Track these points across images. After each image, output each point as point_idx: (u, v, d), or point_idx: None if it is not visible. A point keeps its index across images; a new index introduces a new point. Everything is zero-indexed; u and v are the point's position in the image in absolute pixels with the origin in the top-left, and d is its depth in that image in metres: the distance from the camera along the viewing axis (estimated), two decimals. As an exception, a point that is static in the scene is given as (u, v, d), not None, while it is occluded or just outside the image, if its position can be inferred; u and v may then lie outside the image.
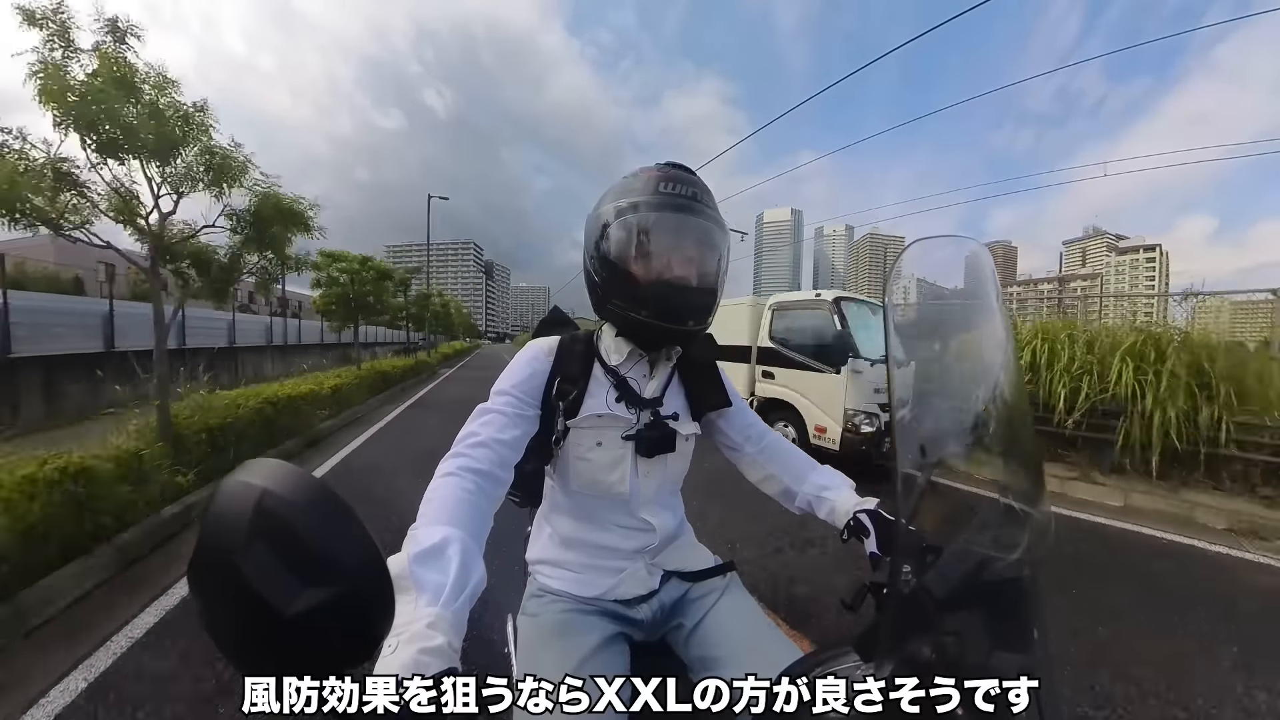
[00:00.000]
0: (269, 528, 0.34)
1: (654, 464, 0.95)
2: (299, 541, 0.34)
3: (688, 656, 0.93)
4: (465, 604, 0.56)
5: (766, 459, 1.06)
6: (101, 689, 1.83)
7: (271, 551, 0.33)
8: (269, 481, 0.35)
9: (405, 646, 0.47)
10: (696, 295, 0.88)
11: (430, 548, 0.59)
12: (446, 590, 0.55)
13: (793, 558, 3.05)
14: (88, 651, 2.01)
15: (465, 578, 0.58)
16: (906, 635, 0.56)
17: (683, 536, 1.07)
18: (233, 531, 0.33)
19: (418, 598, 0.53)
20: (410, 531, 0.63)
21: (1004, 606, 0.58)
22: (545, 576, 0.99)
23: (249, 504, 0.34)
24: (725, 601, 0.97)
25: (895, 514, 0.75)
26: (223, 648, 0.34)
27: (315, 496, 0.36)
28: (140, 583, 2.59)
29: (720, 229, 0.90)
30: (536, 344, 0.97)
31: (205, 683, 1.82)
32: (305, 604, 0.33)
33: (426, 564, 0.57)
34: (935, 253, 0.58)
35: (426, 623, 0.50)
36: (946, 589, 0.56)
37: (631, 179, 0.91)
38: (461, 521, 0.66)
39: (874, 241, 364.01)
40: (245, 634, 0.34)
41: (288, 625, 0.33)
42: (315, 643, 0.34)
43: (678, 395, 1.00)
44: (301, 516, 0.35)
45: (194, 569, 0.34)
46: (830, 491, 0.96)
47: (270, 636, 0.33)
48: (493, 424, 0.84)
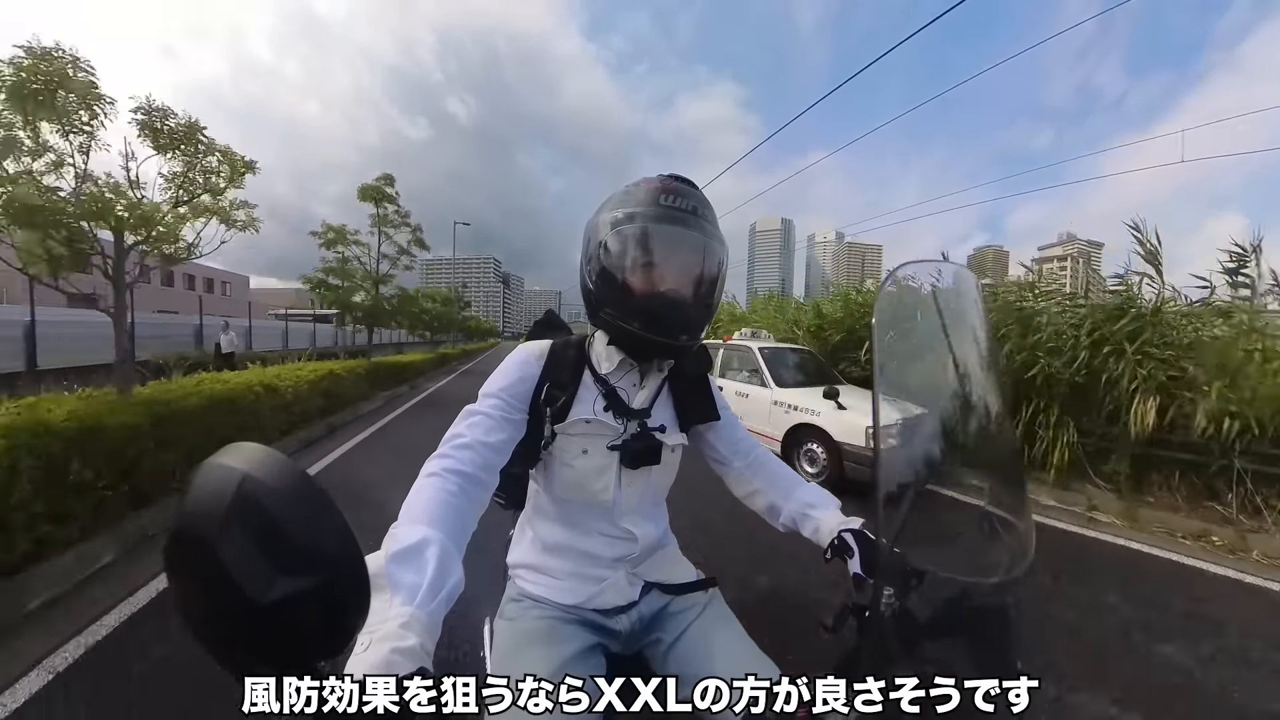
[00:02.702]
0: (248, 513, 0.33)
1: (638, 474, 0.94)
2: (278, 529, 0.34)
3: (664, 672, 0.91)
4: (441, 606, 0.56)
5: (753, 474, 1.06)
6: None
7: (250, 537, 0.33)
8: (251, 466, 0.35)
9: (378, 645, 0.47)
10: (690, 309, 0.88)
11: (408, 547, 0.58)
12: (422, 591, 0.54)
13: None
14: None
15: (442, 580, 0.57)
16: (888, 659, 0.56)
17: (666, 548, 1.07)
18: (211, 515, 0.33)
19: (393, 597, 0.53)
20: (390, 530, 0.62)
21: (986, 633, 0.58)
22: (525, 581, 0.98)
23: (229, 488, 0.33)
24: (706, 617, 0.96)
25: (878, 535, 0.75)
26: (195, 631, 0.33)
27: (296, 484, 0.36)
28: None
29: (719, 243, 0.90)
30: (527, 348, 0.96)
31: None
32: (280, 592, 0.33)
33: (403, 564, 0.56)
34: (921, 276, 0.59)
35: (400, 623, 0.49)
36: (929, 614, 0.56)
37: (632, 189, 0.91)
38: (441, 523, 0.66)
39: (852, 249, 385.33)
40: (218, 619, 0.33)
41: (262, 613, 0.32)
42: (288, 632, 0.34)
43: (666, 406, 1.00)
44: (281, 504, 0.34)
45: (170, 550, 0.33)
46: (816, 510, 0.95)
47: (244, 623, 0.33)
48: (479, 426, 0.84)
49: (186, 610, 0.33)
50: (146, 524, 3.08)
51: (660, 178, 0.92)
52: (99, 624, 2.16)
